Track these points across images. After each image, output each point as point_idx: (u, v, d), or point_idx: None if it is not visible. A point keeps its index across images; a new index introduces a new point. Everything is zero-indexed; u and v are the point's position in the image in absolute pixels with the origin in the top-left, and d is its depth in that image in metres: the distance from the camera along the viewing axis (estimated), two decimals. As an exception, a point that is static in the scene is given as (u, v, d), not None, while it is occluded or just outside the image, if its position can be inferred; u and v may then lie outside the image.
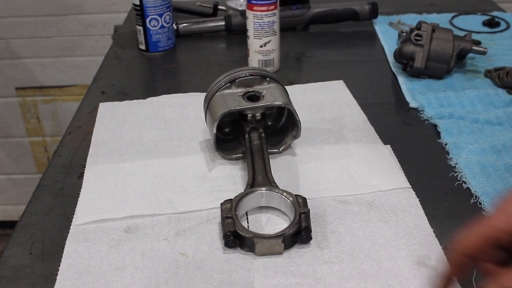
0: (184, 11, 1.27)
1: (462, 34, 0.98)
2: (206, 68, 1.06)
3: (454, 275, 0.48)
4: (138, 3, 1.06)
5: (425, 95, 0.89)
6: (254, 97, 0.74)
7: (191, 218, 0.65)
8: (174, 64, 1.09)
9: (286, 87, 0.77)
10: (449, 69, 0.94)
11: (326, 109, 0.87)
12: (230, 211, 0.61)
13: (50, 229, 0.64)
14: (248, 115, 0.75)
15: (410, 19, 1.21)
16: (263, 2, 0.94)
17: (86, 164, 0.75)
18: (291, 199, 0.63)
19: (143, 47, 1.11)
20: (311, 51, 1.12)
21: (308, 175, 0.72)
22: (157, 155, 0.77)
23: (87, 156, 0.77)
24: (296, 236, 0.59)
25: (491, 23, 1.18)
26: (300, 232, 0.59)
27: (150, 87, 1.02)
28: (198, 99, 0.89)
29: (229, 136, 0.78)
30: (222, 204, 0.63)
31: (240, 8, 1.22)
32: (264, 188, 0.65)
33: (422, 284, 0.55)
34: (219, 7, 1.26)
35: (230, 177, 0.72)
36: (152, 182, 0.71)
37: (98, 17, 1.73)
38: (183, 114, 0.87)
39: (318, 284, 0.55)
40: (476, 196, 0.67)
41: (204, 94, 0.77)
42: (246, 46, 1.01)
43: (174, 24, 1.14)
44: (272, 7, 0.95)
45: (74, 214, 0.66)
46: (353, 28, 1.21)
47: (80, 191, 0.70)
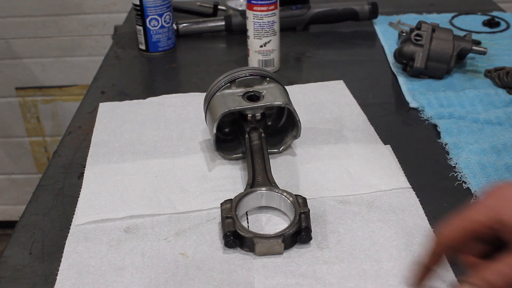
0: (184, 11, 1.27)
1: (462, 34, 0.98)
2: (206, 68, 1.06)
3: (433, 265, 0.49)
4: (138, 3, 1.06)
5: (425, 95, 0.89)
6: (254, 97, 0.74)
7: (191, 218, 0.65)
8: (174, 64, 1.09)
9: (286, 87, 0.77)
10: (449, 69, 0.94)
11: (326, 109, 0.87)
12: (230, 211, 0.61)
13: (50, 229, 0.64)
14: (248, 115, 0.75)
15: (410, 19, 1.21)
16: (263, 2, 0.94)
17: (86, 164, 0.75)
18: (291, 199, 0.62)
19: (143, 47, 1.11)
20: (311, 51, 1.12)
21: (308, 175, 0.72)
22: (157, 155, 0.77)
23: (87, 156, 0.77)
24: (296, 236, 0.59)
25: (491, 23, 1.18)
26: (300, 232, 0.59)
27: (150, 87, 1.02)
28: (198, 99, 0.89)
29: (229, 136, 0.78)
30: (222, 204, 0.63)
31: (240, 8, 1.22)
32: (264, 188, 0.65)
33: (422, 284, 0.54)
34: (219, 7, 1.26)
35: (230, 177, 0.72)
36: (152, 182, 0.71)
37: (98, 17, 1.73)
38: (183, 114, 0.87)
39: (318, 284, 0.55)
40: (476, 196, 0.67)
41: (204, 94, 0.77)
42: (246, 46, 1.01)
43: (174, 24, 1.14)
44: (272, 7, 0.95)
45: (74, 214, 0.66)
46: (353, 28, 1.21)
47: (80, 191, 0.70)
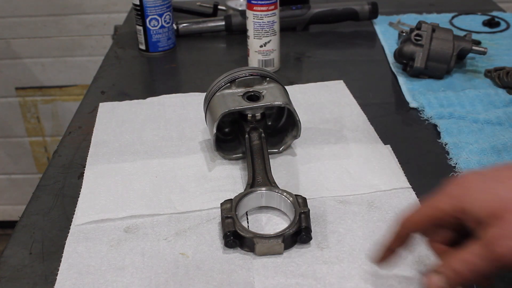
0: (184, 11, 1.27)
1: (462, 34, 0.98)
2: (206, 68, 1.06)
3: (397, 247, 0.51)
4: (138, 3, 1.06)
5: (425, 95, 0.89)
6: (254, 97, 0.74)
7: (191, 218, 0.65)
8: (174, 64, 1.09)
9: (286, 87, 0.77)
10: (449, 69, 0.94)
11: (326, 109, 0.87)
12: (230, 211, 0.61)
13: (50, 229, 0.64)
14: (248, 115, 0.75)
15: (410, 19, 1.21)
16: (263, 2, 0.94)
17: (86, 164, 0.75)
18: (291, 199, 0.62)
19: (143, 47, 1.11)
20: (311, 51, 1.12)
21: (308, 175, 0.72)
22: (157, 155, 0.77)
23: (87, 156, 0.77)
24: (296, 236, 0.59)
25: (491, 23, 1.18)
26: (300, 232, 0.59)
27: (150, 87, 1.03)
28: (198, 99, 0.89)
29: (229, 136, 0.78)
30: (222, 204, 0.63)
31: (240, 8, 1.22)
32: (264, 188, 0.65)
33: (422, 284, 0.55)
34: (219, 7, 1.26)
35: (230, 177, 0.72)
36: (152, 182, 0.71)
37: (98, 17, 1.73)
38: (183, 114, 0.87)
39: (318, 284, 0.55)
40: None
41: (204, 94, 0.77)
42: (246, 46, 1.01)
43: (174, 24, 1.14)
44: (272, 7, 0.95)
45: (74, 214, 0.66)
46: (353, 28, 1.21)
47: (80, 191, 0.70)
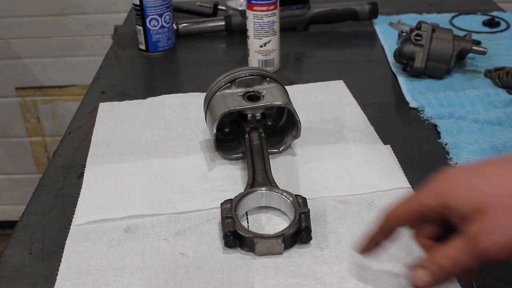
0: (184, 11, 1.27)
1: (462, 34, 0.98)
2: (206, 68, 1.06)
3: (381, 239, 0.52)
4: (138, 3, 1.06)
5: (425, 95, 0.89)
6: (254, 97, 0.74)
7: (191, 218, 0.65)
8: (174, 64, 1.09)
9: (286, 87, 0.77)
10: (449, 69, 0.94)
11: (326, 109, 0.87)
12: (230, 211, 0.61)
13: (50, 229, 0.64)
14: (248, 115, 0.75)
15: (410, 19, 1.21)
16: (263, 2, 0.94)
17: (86, 164, 0.75)
18: (291, 199, 0.62)
19: (143, 47, 1.11)
20: (311, 51, 1.12)
21: (308, 175, 0.72)
22: (157, 155, 0.77)
23: (87, 156, 0.77)
24: (296, 236, 0.59)
25: (491, 23, 1.18)
26: (300, 232, 0.59)
27: (150, 87, 1.03)
28: (198, 99, 0.89)
29: (229, 136, 0.78)
30: (222, 204, 0.63)
31: (240, 8, 1.22)
32: (264, 188, 0.65)
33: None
34: (219, 7, 1.26)
35: (230, 177, 0.72)
36: (152, 182, 0.71)
37: (98, 17, 1.73)
38: (183, 114, 0.87)
39: (318, 284, 0.55)
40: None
41: (204, 94, 0.77)
42: (246, 46, 1.01)
43: (174, 24, 1.14)
44: (272, 7, 0.95)
45: (74, 214, 0.66)
46: (353, 28, 1.21)
47: (80, 191, 0.70)
